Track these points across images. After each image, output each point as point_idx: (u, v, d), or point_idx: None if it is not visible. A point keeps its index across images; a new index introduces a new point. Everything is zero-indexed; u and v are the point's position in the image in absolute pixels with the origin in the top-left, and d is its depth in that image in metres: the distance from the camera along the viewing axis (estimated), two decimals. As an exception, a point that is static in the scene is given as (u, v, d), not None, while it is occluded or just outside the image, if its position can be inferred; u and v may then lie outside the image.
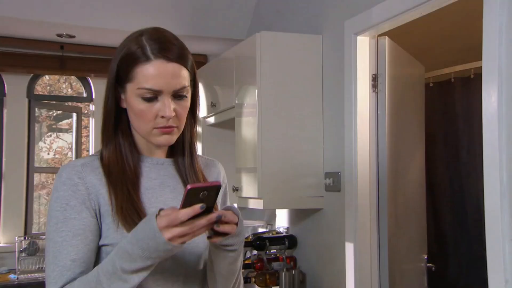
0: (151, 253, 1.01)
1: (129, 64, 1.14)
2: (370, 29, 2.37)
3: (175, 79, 1.13)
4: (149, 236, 1.00)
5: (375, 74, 2.45)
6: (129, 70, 1.14)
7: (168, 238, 0.99)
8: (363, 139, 2.40)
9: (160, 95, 1.14)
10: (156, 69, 1.12)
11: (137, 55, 1.13)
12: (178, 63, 1.14)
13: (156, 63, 1.12)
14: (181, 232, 1.00)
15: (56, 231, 1.11)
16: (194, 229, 1.01)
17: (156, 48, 1.13)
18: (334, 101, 2.57)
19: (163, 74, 1.12)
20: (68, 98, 4.58)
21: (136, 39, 1.16)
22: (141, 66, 1.13)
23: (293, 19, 3.01)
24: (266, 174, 2.53)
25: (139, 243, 1.01)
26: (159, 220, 1.01)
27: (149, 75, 1.12)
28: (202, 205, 1.00)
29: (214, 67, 3.23)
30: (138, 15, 3.29)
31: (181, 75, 1.15)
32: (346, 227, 2.43)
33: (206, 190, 1.01)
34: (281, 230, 3.00)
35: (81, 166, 1.16)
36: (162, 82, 1.12)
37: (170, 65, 1.13)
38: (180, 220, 0.99)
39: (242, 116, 2.73)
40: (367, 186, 2.39)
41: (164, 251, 1.01)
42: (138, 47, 1.14)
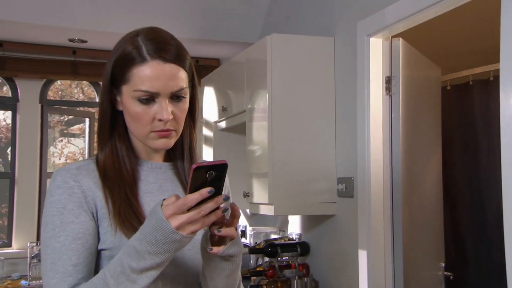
0: (159, 247, 0.96)
1: (124, 65, 1.10)
2: (384, 30, 2.31)
3: (172, 81, 1.09)
4: (156, 227, 0.96)
5: (389, 76, 2.38)
6: (124, 71, 1.10)
7: (175, 226, 0.95)
8: (377, 143, 2.33)
9: (157, 97, 1.09)
10: (152, 71, 1.08)
11: (133, 56, 1.09)
12: (176, 63, 1.10)
13: (152, 64, 1.08)
14: (188, 218, 0.95)
15: (53, 237, 1.07)
16: (202, 213, 0.96)
17: (152, 49, 1.09)
18: (347, 104, 2.51)
19: (159, 75, 1.08)
20: (81, 104, 4.59)
21: (132, 39, 1.11)
22: (137, 68, 1.08)
23: (306, 22, 2.96)
24: (277, 179, 2.48)
25: (147, 237, 0.96)
26: (165, 209, 0.96)
27: (145, 76, 1.08)
28: (210, 190, 0.95)
29: (225, 71, 3.19)
30: (150, 19, 3.25)
31: (179, 76, 1.10)
32: (359, 234, 2.36)
33: (213, 170, 0.95)
34: (293, 237, 2.94)
35: (76, 169, 1.12)
36: (159, 84, 1.08)
37: (167, 66, 1.09)
38: (187, 205, 0.95)
39: (253, 121, 2.69)
40: (380, 191, 2.32)
41: (173, 243, 0.96)
42: (133, 48, 1.10)
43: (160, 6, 3.31)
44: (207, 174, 0.95)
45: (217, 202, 0.97)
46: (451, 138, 3.35)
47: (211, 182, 0.96)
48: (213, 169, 0.96)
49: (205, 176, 0.95)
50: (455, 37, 3.38)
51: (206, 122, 3.47)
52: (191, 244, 1.12)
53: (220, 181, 0.97)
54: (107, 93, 1.14)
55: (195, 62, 3.85)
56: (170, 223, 0.95)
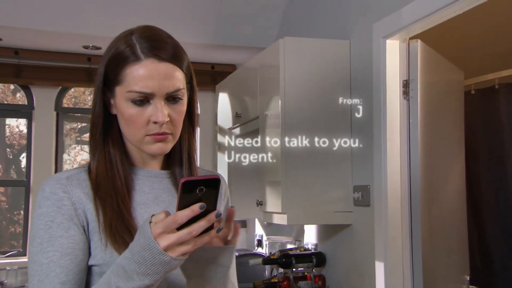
0: (147, 268, 0.88)
1: (117, 65, 1.03)
2: (400, 32, 2.21)
3: (168, 81, 1.02)
4: (144, 246, 0.88)
5: (406, 80, 2.28)
6: (117, 71, 1.03)
7: (164, 246, 0.87)
8: (393, 149, 2.23)
9: (152, 98, 1.02)
10: (147, 70, 1.01)
11: (126, 55, 1.02)
12: (172, 63, 1.03)
13: (146, 63, 1.01)
14: (178, 238, 0.87)
15: (41, 252, 1.00)
16: (193, 233, 0.88)
17: (146, 47, 1.02)
18: (363, 109, 2.41)
19: (154, 75, 1.01)
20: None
21: (125, 38, 1.05)
22: (130, 67, 1.02)
23: (321, 25, 2.88)
24: (290, 188, 2.39)
25: (135, 256, 0.89)
26: (154, 227, 0.88)
27: (139, 76, 1.01)
28: (201, 205, 0.87)
29: (238, 77, 3.13)
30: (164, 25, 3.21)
31: (175, 76, 1.03)
32: (376, 244, 2.26)
33: (203, 185, 0.87)
34: (309, 247, 2.85)
35: (66, 179, 1.05)
36: (153, 84, 1.01)
37: (162, 65, 1.02)
38: (177, 223, 0.87)
39: (266, 127, 2.61)
40: (397, 200, 2.21)
41: (162, 265, 0.88)
42: (127, 46, 1.03)
43: (173, 12, 3.27)
44: (197, 189, 0.87)
45: (210, 220, 0.89)
46: (475, 145, 3.20)
47: (203, 199, 0.88)
48: (204, 184, 0.87)
49: (195, 191, 0.87)
50: (478, 38, 3.24)
51: (220, 129, 3.41)
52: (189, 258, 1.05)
53: (213, 198, 0.89)
54: (100, 95, 1.07)
55: (210, 68, 3.87)
56: (158, 243, 0.87)
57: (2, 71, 3.43)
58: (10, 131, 4.18)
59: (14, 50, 3.41)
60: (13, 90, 4.01)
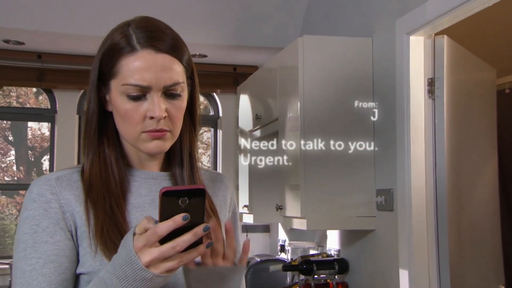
0: (129, 284, 0.81)
1: (112, 56, 0.96)
2: (425, 27, 2.10)
3: (165, 73, 0.95)
4: (126, 260, 0.81)
5: (432, 78, 2.16)
6: (112, 63, 0.96)
7: (146, 262, 0.80)
8: (418, 152, 2.11)
9: (149, 92, 0.95)
10: (143, 61, 0.94)
11: (121, 46, 0.96)
12: (170, 54, 0.96)
13: (143, 54, 0.95)
14: (161, 253, 0.80)
15: (24, 258, 0.94)
16: (178, 248, 0.80)
17: (143, 37, 0.96)
18: (386, 110, 2.30)
19: (151, 66, 0.94)
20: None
21: (122, 29, 0.98)
22: (125, 59, 0.95)
23: (343, 23, 2.78)
24: (309, 191, 2.30)
25: (116, 270, 0.82)
26: (137, 240, 0.81)
27: (135, 68, 0.94)
28: (184, 215, 0.79)
29: (258, 78, 3.06)
30: (185, 27, 3.17)
31: (173, 69, 0.96)
32: (400, 251, 2.14)
33: (187, 196, 0.79)
34: (332, 253, 2.74)
35: (55, 180, 0.98)
36: (150, 76, 0.94)
37: (160, 56, 0.95)
38: (157, 235, 0.79)
39: (285, 130, 2.53)
40: (422, 205, 2.10)
41: (144, 281, 0.81)
42: (122, 37, 0.97)
43: (194, 13, 3.23)
44: (179, 200, 0.79)
45: (196, 234, 0.81)
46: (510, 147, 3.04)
47: (187, 210, 0.80)
48: (187, 195, 0.80)
49: (178, 202, 0.79)
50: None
51: (241, 131, 3.34)
52: None
53: (199, 209, 0.81)
54: (94, 91, 1.00)
55: (232, 70, 3.81)
56: (139, 258, 0.80)
57: (25, 75, 3.46)
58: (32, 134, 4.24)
59: (37, 54, 3.43)
60: (36, 92, 4.04)
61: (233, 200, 1.16)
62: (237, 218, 1.17)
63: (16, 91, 4.73)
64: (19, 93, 4.76)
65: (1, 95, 3.89)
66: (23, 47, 3.37)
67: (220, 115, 3.95)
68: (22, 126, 4.07)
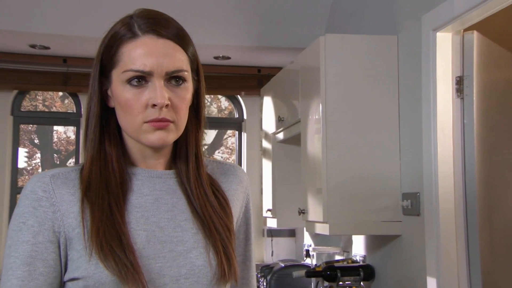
0: None
1: (113, 46, 0.93)
2: (453, 23, 2.00)
3: (168, 59, 0.91)
4: None
5: (460, 76, 2.06)
6: (113, 52, 0.93)
7: None
8: (445, 153, 2.01)
9: (150, 78, 0.91)
10: (144, 47, 0.91)
11: (122, 33, 0.93)
12: (173, 41, 0.92)
13: (144, 39, 0.91)
14: None
15: (7, 256, 0.91)
16: None
17: (145, 23, 0.92)
18: (412, 110, 2.21)
19: (152, 51, 0.91)
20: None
21: (124, 20, 0.95)
22: (126, 45, 0.92)
23: (368, 21, 2.69)
24: (332, 195, 2.22)
25: None
26: None
27: (136, 54, 0.91)
28: None
29: (281, 79, 3.00)
30: (209, 28, 3.17)
31: (176, 55, 0.92)
32: (427, 258, 2.04)
33: None
34: (357, 259, 2.65)
35: (50, 177, 0.94)
36: (151, 61, 0.90)
37: (162, 41, 0.91)
38: None
39: (307, 132, 2.46)
40: (451, 209, 1.99)
41: None
42: (123, 25, 0.94)
43: (217, 15, 3.20)
44: None
45: None
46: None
47: None
48: None
49: None
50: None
51: (265, 134, 3.28)
52: (189, 272, 0.93)
53: None
54: (96, 85, 0.96)
55: (257, 72, 3.76)
56: None
57: (51, 79, 3.49)
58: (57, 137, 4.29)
59: (62, 58, 3.46)
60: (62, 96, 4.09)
61: (247, 194, 1.09)
62: (250, 215, 1.10)
63: (42, 95, 4.81)
64: (45, 97, 4.84)
65: (28, 99, 3.95)
66: (49, 51, 3.41)
67: (244, 118, 3.91)
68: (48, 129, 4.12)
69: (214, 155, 5.04)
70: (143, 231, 0.93)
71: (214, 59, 3.56)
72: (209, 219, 0.97)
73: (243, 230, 1.08)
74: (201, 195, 0.98)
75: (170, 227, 0.94)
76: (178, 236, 0.95)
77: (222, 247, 0.95)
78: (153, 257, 0.92)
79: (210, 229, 0.96)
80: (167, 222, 0.95)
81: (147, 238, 0.92)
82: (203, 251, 0.95)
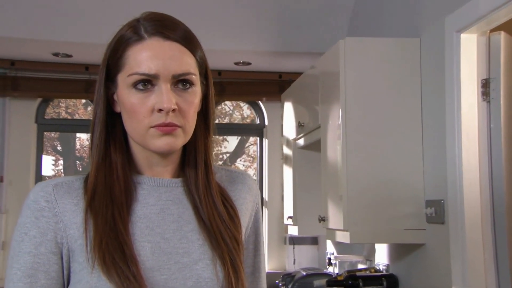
0: None
1: (119, 49, 0.91)
2: (478, 23, 1.92)
3: (174, 61, 0.88)
4: None
5: (486, 79, 1.98)
6: (119, 55, 0.91)
7: None
8: (470, 159, 1.93)
9: (157, 82, 0.88)
10: (150, 50, 0.88)
11: (128, 36, 0.90)
12: (180, 44, 0.90)
13: (151, 42, 0.89)
14: None
15: (9, 267, 0.89)
16: None
17: (151, 26, 0.90)
18: (435, 114, 2.13)
19: (159, 54, 0.88)
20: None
21: (130, 23, 0.93)
22: (132, 48, 0.89)
23: (389, 24, 2.63)
24: (353, 202, 2.16)
25: None
26: None
27: (142, 57, 0.88)
28: None
29: (301, 84, 2.96)
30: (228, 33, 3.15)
31: (184, 59, 0.89)
32: (453, 268, 1.96)
33: None
34: (380, 268, 2.58)
35: (53, 187, 0.92)
36: (157, 64, 0.87)
37: (168, 44, 0.89)
38: None
39: (327, 137, 2.40)
40: (477, 217, 1.91)
41: None
42: (129, 28, 0.91)
43: (237, 20, 3.18)
44: None
45: None
46: None
47: None
48: None
49: None
50: None
51: (286, 140, 3.24)
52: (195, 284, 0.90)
53: None
54: (102, 91, 0.93)
55: (278, 77, 3.72)
56: None
57: (74, 87, 3.52)
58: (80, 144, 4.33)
59: (84, 66, 3.49)
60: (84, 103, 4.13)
61: (256, 203, 1.05)
62: (259, 224, 1.06)
63: (65, 102, 4.87)
64: (68, 104, 4.91)
65: (51, 106, 4.00)
66: (71, 59, 3.44)
67: (266, 124, 3.87)
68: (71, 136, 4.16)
69: (236, 163, 5.01)
70: (147, 242, 0.90)
71: (235, 64, 3.54)
72: (216, 229, 0.93)
73: (252, 240, 1.04)
74: (209, 204, 0.95)
75: (176, 238, 0.92)
76: (184, 248, 0.92)
77: (230, 259, 0.92)
78: (158, 269, 0.89)
79: (217, 240, 0.93)
80: (172, 233, 0.92)
81: (151, 249, 0.90)
82: (209, 263, 0.91)
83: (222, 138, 5.07)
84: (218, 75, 3.58)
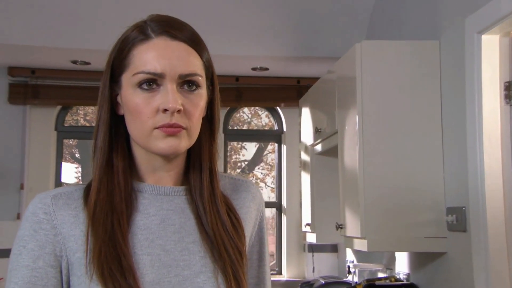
0: None
1: (124, 49, 0.89)
2: (500, 24, 1.86)
3: (181, 61, 0.86)
4: None
5: (509, 81, 1.91)
6: (124, 56, 0.88)
7: None
8: (493, 164, 1.86)
9: (162, 82, 0.86)
10: (157, 49, 0.86)
11: (134, 36, 0.88)
12: (187, 44, 0.88)
13: (157, 41, 0.87)
14: None
15: (8, 281, 0.87)
16: None
17: (158, 25, 0.88)
18: (456, 119, 2.07)
19: (165, 53, 0.86)
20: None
21: (137, 24, 0.91)
22: (138, 47, 0.87)
23: (408, 26, 2.57)
24: (370, 209, 2.11)
25: None
26: None
27: (148, 56, 0.86)
28: None
29: (318, 89, 2.91)
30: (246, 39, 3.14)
31: (190, 59, 0.87)
32: (476, 278, 1.89)
33: None
34: (400, 277, 2.51)
35: (52, 198, 0.89)
36: (163, 63, 0.85)
37: (175, 44, 0.87)
38: None
39: (344, 143, 2.35)
40: (501, 225, 1.84)
41: None
42: (135, 28, 0.89)
43: (255, 25, 3.16)
44: None
45: None
46: None
47: None
48: None
49: None
50: None
51: (303, 146, 3.19)
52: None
53: None
54: (106, 93, 0.91)
55: (296, 83, 3.68)
56: None
57: (92, 94, 3.48)
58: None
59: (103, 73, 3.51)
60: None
61: (260, 212, 1.02)
62: (264, 234, 1.02)
63: (84, 109, 4.90)
64: (86, 111, 4.93)
65: (69, 113, 4.03)
66: (89, 67, 3.47)
67: (284, 130, 3.83)
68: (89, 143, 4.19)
69: (254, 171, 4.97)
70: (147, 255, 0.87)
71: (252, 70, 3.52)
72: (219, 240, 0.90)
73: (256, 250, 1.01)
74: (213, 213, 0.92)
75: (177, 250, 0.89)
76: (185, 260, 0.89)
77: (232, 271, 0.88)
78: (158, 282, 0.86)
79: (219, 251, 0.89)
80: (173, 245, 0.89)
81: (151, 262, 0.87)
82: (211, 276, 0.88)
83: (240, 146, 5.04)
84: (235, 81, 3.56)
